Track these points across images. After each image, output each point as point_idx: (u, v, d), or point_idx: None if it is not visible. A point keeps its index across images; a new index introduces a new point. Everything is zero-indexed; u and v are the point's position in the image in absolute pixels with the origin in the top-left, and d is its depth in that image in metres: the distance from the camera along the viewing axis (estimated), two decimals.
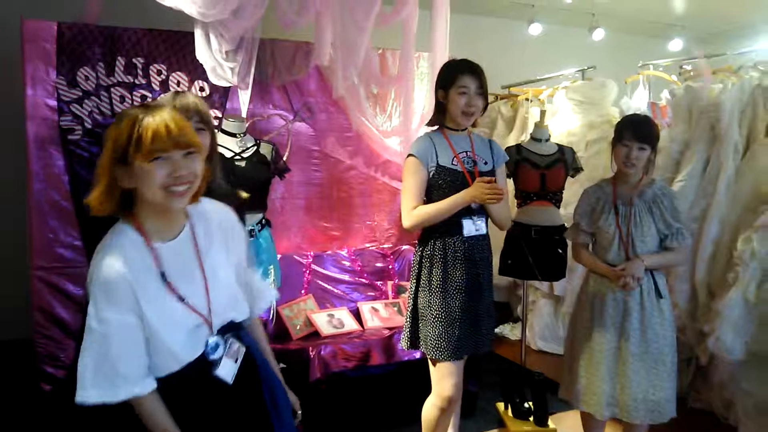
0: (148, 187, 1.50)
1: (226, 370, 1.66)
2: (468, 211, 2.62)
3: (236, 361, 1.70)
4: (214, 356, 1.63)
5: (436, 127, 2.74)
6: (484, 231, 2.68)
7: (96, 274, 1.50)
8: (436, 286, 2.62)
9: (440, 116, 2.70)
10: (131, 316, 1.50)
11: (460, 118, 2.61)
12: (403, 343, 2.78)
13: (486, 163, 2.70)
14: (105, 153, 1.51)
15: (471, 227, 2.63)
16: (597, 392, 2.72)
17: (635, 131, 2.68)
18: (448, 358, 2.59)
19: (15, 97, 3.54)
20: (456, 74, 2.59)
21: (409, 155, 2.66)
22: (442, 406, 2.67)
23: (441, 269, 2.61)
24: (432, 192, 2.65)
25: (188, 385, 1.60)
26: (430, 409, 2.72)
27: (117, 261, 1.50)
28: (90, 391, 1.49)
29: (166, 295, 1.56)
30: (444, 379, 2.64)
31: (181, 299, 1.58)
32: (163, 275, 1.56)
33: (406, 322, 2.75)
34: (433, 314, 2.61)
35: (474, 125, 2.73)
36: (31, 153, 3.43)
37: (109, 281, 1.49)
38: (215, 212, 1.74)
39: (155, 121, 1.49)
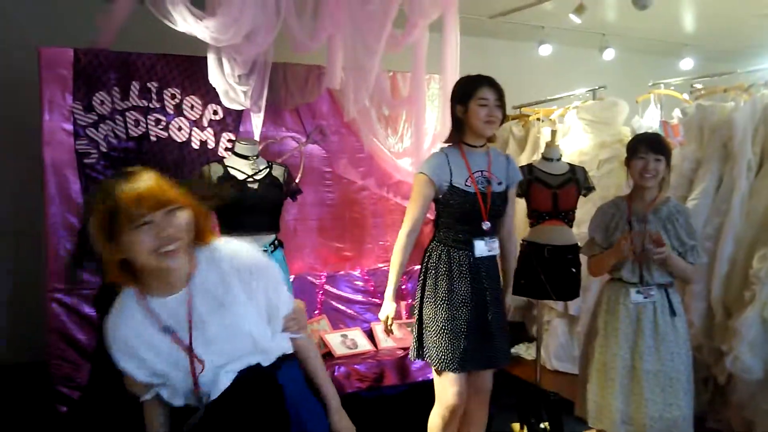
0: (138, 255, 1.51)
1: None
2: (481, 232, 2.61)
3: None
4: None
5: (451, 144, 2.73)
6: (497, 252, 2.68)
7: (105, 337, 1.63)
8: (442, 299, 2.63)
9: (458, 132, 2.70)
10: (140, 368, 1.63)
11: (482, 129, 2.60)
12: (411, 354, 2.78)
13: (500, 184, 2.70)
14: (94, 233, 1.51)
15: (483, 248, 2.64)
16: (611, 410, 2.70)
17: (649, 143, 2.71)
18: (454, 369, 2.60)
19: (32, 122, 3.60)
20: (475, 87, 2.61)
21: (420, 172, 2.67)
22: (445, 415, 2.68)
23: (446, 282, 2.63)
24: (442, 210, 2.66)
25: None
26: (434, 418, 2.74)
27: (117, 325, 1.61)
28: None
29: (172, 346, 1.60)
30: (447, 389, 2.65)
31: (189, 349, 1.60)
32: (166, 329, 1.59)
33: (413, 331, 2.76)
34: (438, 326, 2.62)
35: (491, 140, 2.72)
36: (48, 177, 3.48)
37: (111, 345, 1.62)
38: (231, 256, 1.67)
39: (127, 188, 1.48)
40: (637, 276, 2.70)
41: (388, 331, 2.77)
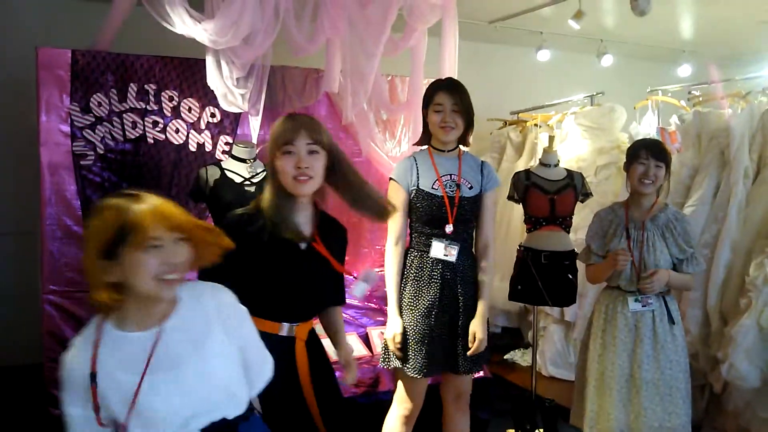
0: (140, 279, 1.42)
1: None
2: (442, 234, 2.58)
3: None
4: None
5: (424, 147, 2.72)
6: (453, 259, 2.60)
7: (62, 369, 1.48)
8: (407, 305, 2.60)
9: (426, 136, 2.69)
10: (90, 411, 1.46)
11: (438, 134, 2.59)
12: (381, 362, 2.74)
13: (471, 188, 2.64)
14: (88, 249, 1.43)
15: (440, 251, 2.58)
16: (609, 419, 2.68)
17: (651, 149, 2.69)
18: (417, 374, 2.58)
19: (29, 123, 3.59)
20: (433, 92, 2.60)
21: (390, 178, 2.67)
22: (407, 415, 2.69)
23: (414, 287, 2.60)
24: (411, 213, 2.64)
25: None
26: (395, 420, 2.72)
27: (80, 355, 1.47)
28: None
29: (137, 386, 1.46)
30: (410, 391, 2.65)
31: (158, 392, 1.46)
32: (92, 375, 1.45)
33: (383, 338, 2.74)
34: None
35: (465, 144, 2.70)
36: (44, 178, 3.47)
37: (68, 377, 1.47)
38: (211, 295, 1.60)
39: (143, 208, 1.41)
40: (635, 283, 2.70)
41: (398, 350, 2.59)
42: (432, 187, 2.59)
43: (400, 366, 2.61)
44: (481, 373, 3.47)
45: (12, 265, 4.49)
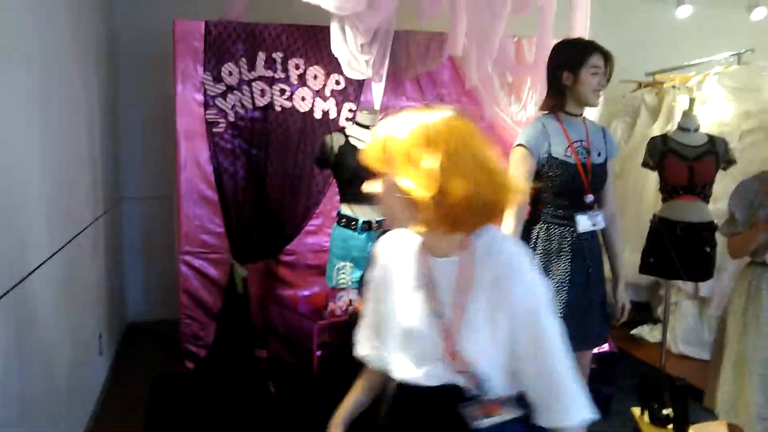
0: None
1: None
2: (583, 206, 2.46)
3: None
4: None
5: (547, 112, 2.56)
6: (602, 225, 2.51)
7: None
8: None
9: (560, 99, 2.51)
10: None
11: (591, 98, 2.45)
12: None
13: (599, 155, 2.51)
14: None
15: (587, 223, 2.46)
16: (748, 403, 2.49)
17: None
18: None
19: (166, 93, 3.79)
20: (587, 54, 2.43)
21: (518, 144, 2.49)
22: None
23: (542, 262, 2.47)
24: (538, 182, 2.51)
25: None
26: None
27: (386, 250, 1.49)
28: None
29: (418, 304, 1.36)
30: None
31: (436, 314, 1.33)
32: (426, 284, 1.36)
33: None
34: None
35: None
36: (180, 145, 3.66)
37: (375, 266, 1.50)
38: (502, 252, 1.32)
39: None
40: None
41: None
42: (565, 154, 2.46)
43: None
44: (606, 347, 3.35)
45: (151, 226, 4.80)
